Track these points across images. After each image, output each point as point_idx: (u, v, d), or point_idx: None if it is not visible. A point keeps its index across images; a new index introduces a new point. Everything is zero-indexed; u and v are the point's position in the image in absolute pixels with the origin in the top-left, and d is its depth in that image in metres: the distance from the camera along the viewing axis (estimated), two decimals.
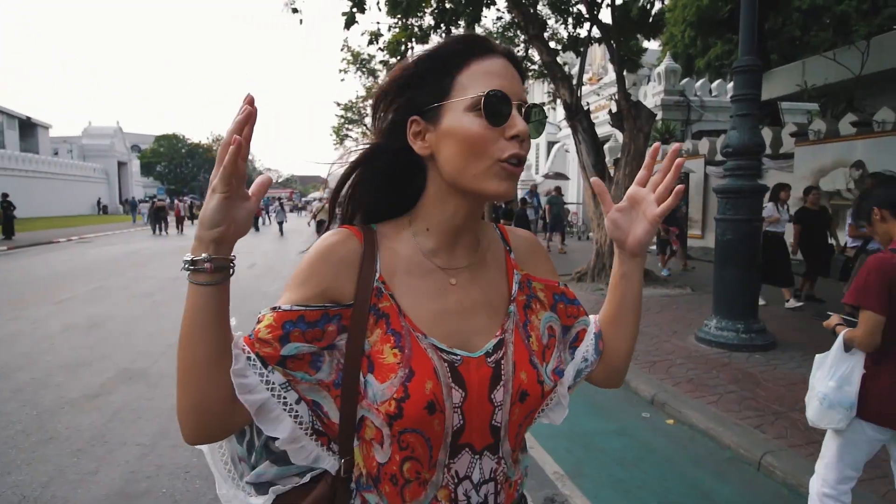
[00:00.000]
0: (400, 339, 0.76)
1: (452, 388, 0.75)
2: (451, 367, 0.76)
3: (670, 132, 16.36)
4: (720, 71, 19.40)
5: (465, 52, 0.77)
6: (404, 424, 0.73)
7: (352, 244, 0.80)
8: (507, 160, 0.74)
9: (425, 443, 0.75)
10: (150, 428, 3.64)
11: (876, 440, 2.05)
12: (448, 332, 0.79)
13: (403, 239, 0.83)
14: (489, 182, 0.75)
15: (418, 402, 0.72)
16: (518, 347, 0.82)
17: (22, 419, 3.78)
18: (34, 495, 2.82)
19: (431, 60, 0.78)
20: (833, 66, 11.14)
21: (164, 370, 4.82)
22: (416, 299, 0.80)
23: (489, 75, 0.75)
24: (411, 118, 0.79)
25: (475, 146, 0.74)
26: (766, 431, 3.45)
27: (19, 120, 39.15)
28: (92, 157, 45.54)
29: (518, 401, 0.79)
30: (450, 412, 0.74)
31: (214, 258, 0.68)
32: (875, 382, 2.00)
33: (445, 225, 0.82)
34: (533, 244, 0.96)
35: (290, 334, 0.73)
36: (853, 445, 2.08)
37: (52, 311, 7.34)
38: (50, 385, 4.46)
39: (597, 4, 9.34)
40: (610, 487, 2.98)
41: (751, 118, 5.29)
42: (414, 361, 0.74)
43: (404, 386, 0.72)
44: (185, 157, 63.94)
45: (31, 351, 5.45)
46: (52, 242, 18.16)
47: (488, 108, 0.73)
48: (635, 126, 8.57)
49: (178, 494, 2.84)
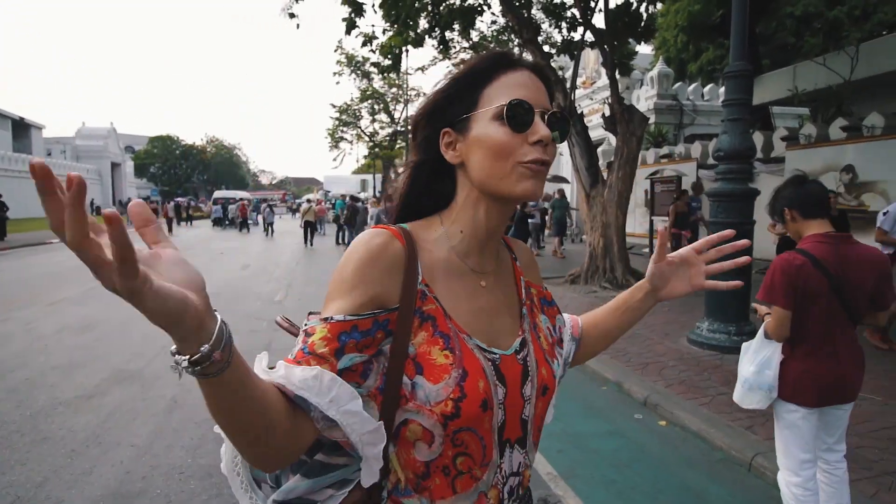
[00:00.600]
0: (449, 341, 0.78)
1: (497, 385, 0.80)
2: (494, 365, 0.81)
3: (663, 136, 16.46)
4: (712, 75, 19.53)
5: (493, 67, 0.83)
6: (460, 424, 0.75)
7: (395, 246, 0.79)
8: (530, 163, 0.79)
9: (479, 440, 0.78)
10: (144, 429, 3.63)
11: (807, 419, 2.20)
12: (483, 331, 0.84)
13: (437, 241, 0.86)
14: (514, 183, 0.80)
15: (475, 401, 0.76)
16: (535, 346, 0.89)
17: (16, 419, 3.76)
18: (28, 495, 2.81)
19: (464, 78, 0.84)
20: (823, 71, 11.24)
21: (158, 371, 4.80)
22: (455, 301, 0.83)
23: (513, 86, 0.81)
24: (444, 130, 0.85)
25: (500, 151, 0.79)
26: (757, 433, 3.48)
27: (12, 120, 38.81)
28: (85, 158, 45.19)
29: (541, 395, 0.87)
30: (497, 409, 0.80)
31: (213, 346, 0.55)
32: (789, 367, 2.22)
33: (478, 228, 0.86)
34: (529, 253, 1.05)
35: (345, 346, 0.71)
36: (793, 429, 2.23)
37: (46, 312, 7.30)
38: (44, 386, 4.43)
39: (590, 9, 9.40)
40: (603, 488, 3.00)
41: (742, 122, 5.34)
42: (466, 362, 0.78)
43: (460, 386, 0.75)
44: (179, 159, 63.67)
45: (24, 352, 5.41)
46: (44, 244, 18.03)
47: (511, 116, 0.78)
48: (628, 130, 8.62)
49: (173, 495, 2.83)
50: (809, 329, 2.19)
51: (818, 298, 2.14)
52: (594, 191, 9.07)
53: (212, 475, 3.01)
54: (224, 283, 10.01)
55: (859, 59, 10.64)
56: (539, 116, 0.80)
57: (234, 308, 7.55)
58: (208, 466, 3.11)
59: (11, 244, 17.06)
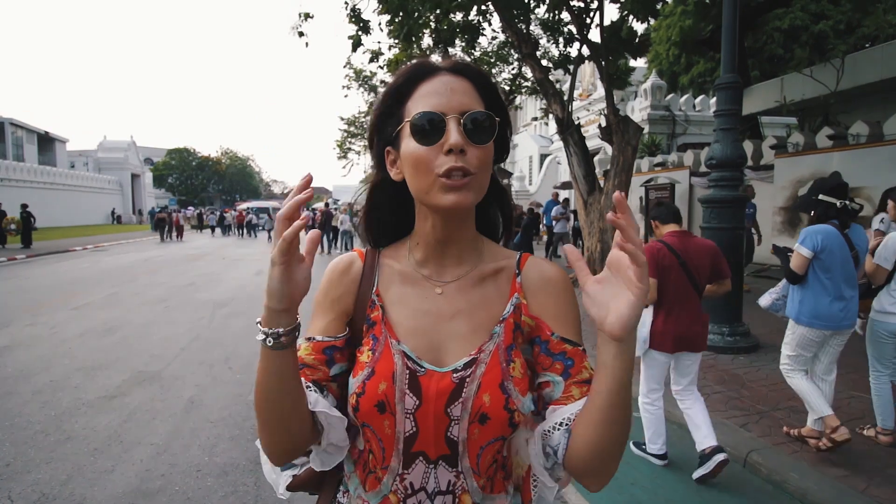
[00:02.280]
0: (376, 343, 0.80)
1: (406, 393, 0.76)
2: (413, 374, 0.77)
3: (657, 145, 16.44)
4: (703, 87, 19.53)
5: (412, 79, 0.79)
6: (361, 418, 0.77)
7: (356, 265, 0.88)
8: (445, 174, 0.73)
9: (378, 442, 0.78)
10: (163, 428, 3.62)
11: (663, 362, 3.12)
12: (424, 337, 0.81)
13: (402, 255, 0.88)
14: (435, 197, 0.75)
15: (370, 399, 0.76)
16: (491, 369, 0.77)
17: (41, 420, 3.76)
18: (53, 493, 2.80)
19: (391, 94, 0.81)
20: (810, 83, 11.21)
21: (176, 372, 4.81)
22: (401, 304, 0.84)
23: (427, 96, 0.76)
24: (386, 149, 0.83)
25: (419, 166, 0.76)
26: (752, 430, 3.45)
27: (38, 134, 39.10)
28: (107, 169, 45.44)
29: (477, 421, 0.75)
30: (401, 416, 0.76)
31: (288, 330, 0.71)
32: (655, 324, 3.06)
33: (429, 238, 0.84)
34: (550, 282, 0.84)
35: (333, 356, 0.82)
36: (652, 367, 3.16)
37: (69, 317, 7.32)
38: (68, 387, 4.44)
39: (586, 25, 9.42)
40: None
41: (733, 132, 5.33)
42: (379, 364, 0.78)
43: (364, 383, 0.77)
44: (196, 170, 63.99)
45: (49, 354, 5.43)
46: (68, 251, 18.10)
47: (415, 131, 0.75)
48: (623, 139, 8.61)
49: (191, 492, 2.83)
50: (667, 295, 3.03)
51: (671, 272, 3.02)
52: (591, 198, 9.06)
53: (227, 473, 3.00)
54: (239, 287, 10.03)
55: (844, 70, 10.62)
56: (454, 122, 0.74)
57: (247, 311, 7.55)
58: (224, 465, 3.10)
59: (37, 251, 17.12)
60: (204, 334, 6.29)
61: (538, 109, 20.85)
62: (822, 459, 3.04)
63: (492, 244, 0.91)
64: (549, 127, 25.73)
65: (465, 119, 0.75)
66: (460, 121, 0.74)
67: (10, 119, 35.19)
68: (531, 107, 28.08)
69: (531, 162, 29.35)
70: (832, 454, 3.05)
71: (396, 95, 0.80)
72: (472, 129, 0.75)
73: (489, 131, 0.77)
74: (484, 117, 0.76)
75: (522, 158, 30.91)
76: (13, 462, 3.14)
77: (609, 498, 2.84)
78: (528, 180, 27.59)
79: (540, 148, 28.34)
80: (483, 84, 0.81)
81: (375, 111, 0.84)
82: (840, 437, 2.94)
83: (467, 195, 0.75)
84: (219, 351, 5.54)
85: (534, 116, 23.92)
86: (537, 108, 21.81)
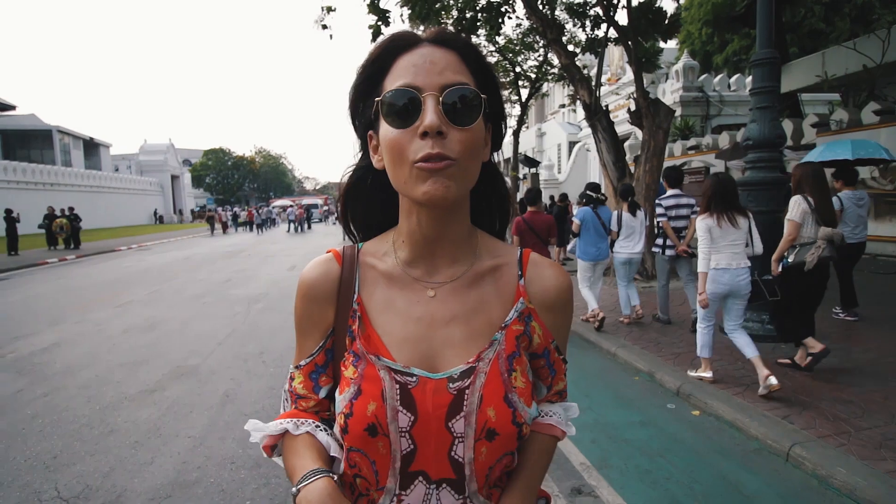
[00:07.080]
0: (358, 361, 0.72)
1: (399, 411, 0.68)
2: (403, 388, 0.69)
3: (689, 128, 15.91)
4: (738, 66, 18.75)
5: (391, 51, 0.68)
6: (350, 442, 0.70)
7: (333, 271, 0.77)
8: (420, 161, 0.63)
9: (370, 465, 0.70)
10: (199, 421, 3.70)
11: None
12: (414, 344, 0.71)
13: (385, 252, 0.77)
14: (414, 187, 0.64)
15: (359, 422, 0.68)
16: (492, 380, 0.69)
17: (87, 413, 3.90)
18: (96, 484, 2.90)
19: (367, 70, 0.70)
20: (853, 56, 10.59)
21: (213, 367, 4.92)
22: (389, 311, 0.74)
23: (402, 72, 0.66)
24: (368, 133, 0.73)
25: (394, 153, 0.65)
26: (794, 422, 3.28)
27: (83, 140, 40.85)
28: (148, 171, 47.16)
29: (484, 438, 0.68)
30: (395, 436, 0.68)
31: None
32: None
33: (415, 235, 0.73)
34: (556, 289, 0.78)
35: (317, 381, 0.78)
36: None
37: (114, 314, 7.60)
38: (111, 382, 4.60)
39: (613, 6, 9.12)
40: (636, 478, 2.88)
41: (771, 110, 5.05)
42: (364, 381, 0.70)
43: (351, 403, 0.69)
44: (231, 169, 65.59)
45: (94, 350, 5.64)
46: (114, 251, 18.85)
47: (386, 112, 0.65)
48: (654, 123, 8.33)
49: (225, 484, 2.87)
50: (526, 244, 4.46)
51: (526, 234, 5.26)
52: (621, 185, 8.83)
53: (260, 465, 3.04)
54: (272, 282, 10.21)
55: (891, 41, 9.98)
56: (432, 100, 0.63)
57: (282, 307, 7.68)
58: (257, 457, 3.14)
59: (85, 252, 17.90)
60: (239, 329, 6.42)
61: (565, 96, 20.43)
62: (873, 453, 2.86)
63: (487, 237, 0.81)
64: (577, 114, 25.18)
65: (444, 96, 0.63)
66: (439, 98, 0.63)
67: (58, 126, 36.84)
68: (558, 94, 27.55)
69: (559, 150, 28.84)
70: (881, 449, 2.87)
71: (371, 71, 0.69)
72: (454, 108, 0.64)
73: (475, 110, 0.65)
74: (469, 93, 0.65)
75: (551, 147, 30.40)
76: (60, 454, 3.27)
77: (643, 493, 2.74)
78: (557, 168, 27.14)
79: (568, 135, 27.82)
80: (472, 56, 0.69)
81: (352, 90, 0.72)
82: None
83: (447, 185, 0.63)
84: (253, 345, 5.65)
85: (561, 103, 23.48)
86: (565, 94, 21.37)
